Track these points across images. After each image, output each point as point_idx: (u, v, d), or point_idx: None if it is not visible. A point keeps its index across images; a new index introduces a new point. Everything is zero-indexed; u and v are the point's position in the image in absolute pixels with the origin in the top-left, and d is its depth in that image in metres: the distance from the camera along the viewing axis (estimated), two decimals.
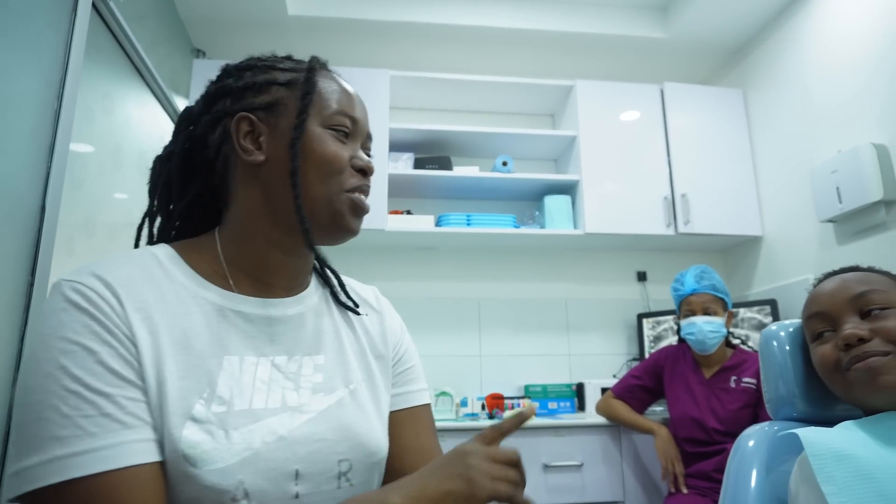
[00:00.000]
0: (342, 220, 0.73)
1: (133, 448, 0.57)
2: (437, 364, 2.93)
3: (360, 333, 0.82)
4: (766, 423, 0.96)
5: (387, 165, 2.74)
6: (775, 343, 0.98)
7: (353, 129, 0.76)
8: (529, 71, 3.21)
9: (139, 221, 0.79)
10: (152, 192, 0.79)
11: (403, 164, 2.86)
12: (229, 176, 0.75)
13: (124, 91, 1.96)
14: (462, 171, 2.86)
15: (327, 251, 0.87)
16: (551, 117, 3.36)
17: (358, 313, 0.83)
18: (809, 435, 0.76)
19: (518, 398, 2.68)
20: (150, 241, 0.78)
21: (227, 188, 0.76)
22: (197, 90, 2.65)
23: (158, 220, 0.79)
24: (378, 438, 0.74)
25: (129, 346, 0.60)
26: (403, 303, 2.97)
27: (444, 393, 2.56)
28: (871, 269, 0.92)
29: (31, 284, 1.35)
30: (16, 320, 1.31)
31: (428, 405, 0.86)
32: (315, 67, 0.76)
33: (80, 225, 1.65)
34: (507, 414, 2.51)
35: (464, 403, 2.65)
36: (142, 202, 0.80)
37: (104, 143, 1.82)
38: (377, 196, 2.68)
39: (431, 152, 3.04)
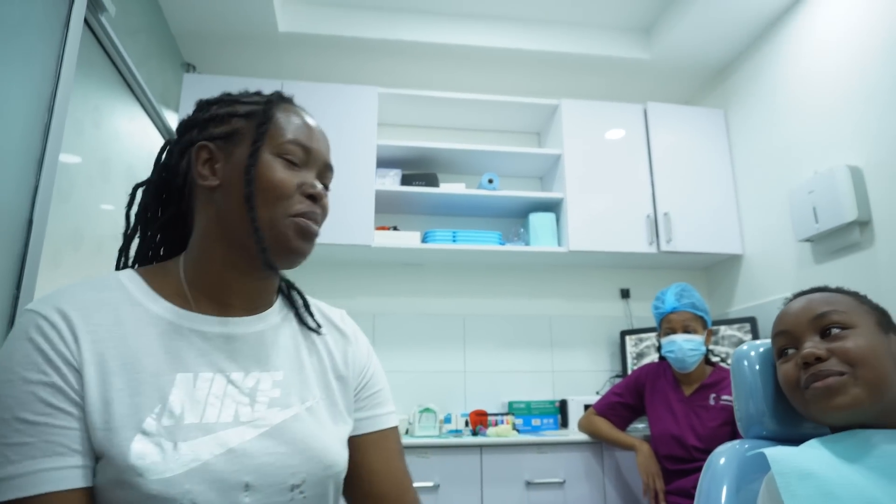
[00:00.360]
0: (287, 242, 0.76)
1: (51, 475, 0.61)
2: (421, 380, 2.94)
3: (323, 353, 0.85)
4: (738, 442, 0.98)
5: (374, 181, 2.77)
6: (746, 363, 1.01)
7: (306, 159, 0.80)
8: (516, 90, 3.26)
9: (122, 243, 0.84)
10: (136, 216, 0.84)
11: (390, 181, 2.89)
12: (192, 202, 0.81)
13: (114, 104, 1.97)
14: (448, 187, 2.89)
15: (312, 269, 0.90)
16: (537, 135, 3.41)
17: (318, 332, 0.86)
18: (776, 454, 0.78)
19: (502, 415, 2.70)
20: (127, 263, 0.84)
21: (192, 214, 0.81)
22: (187, 104, 2.69)
23: (137, 243, 0.85)
24: (334, 452, 0.77)
25: (69, 376, 0.65)
26: (389, 318, 3.00)
27: (427, 409, 2.57)
28: (838, 290, 0.95)
29: (17, 297, 1.36)
30: (0, 334, 1.31)
31: (395, 428, 0.89)
32: (274, 100, 0.81)
33: (67, 238, 1.65)
34: (491, 431, 2.52)
35: (447, 420, 2.66)
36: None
37: (92, 156, 1.83)
38: (364, 212, 2.71)
39: (418, 169, 3.07)
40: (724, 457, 0.95)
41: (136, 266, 0.82)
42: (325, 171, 0.83)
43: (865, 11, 2.24)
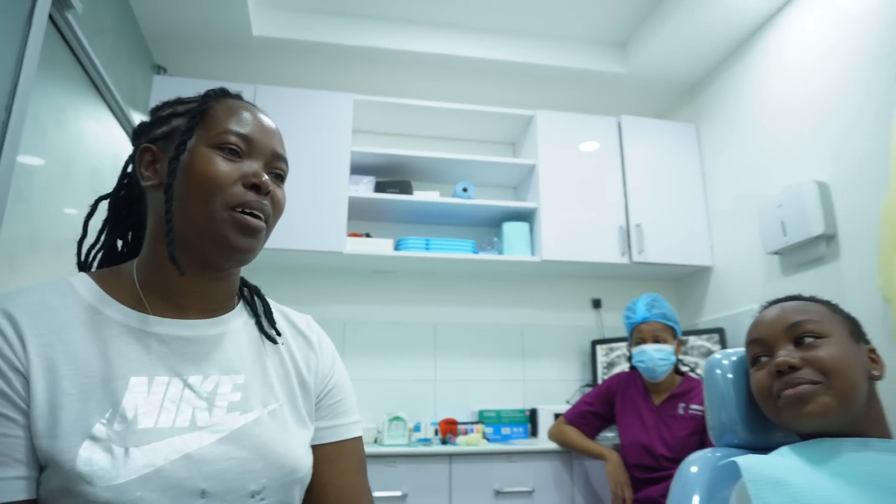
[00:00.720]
0: (224, 238, 0.73)
1: None
2: (391, 388, 2.91)
3: (286, 358, 0.82)
4: (709, 450, 0.98)
5: (347, 188, 2.74)
6: (718, 371, 1.01)
7: (248, 148, 0.77)
8: (491, 100, 3.27)
9: (79, 253, 0.84)
10: (101, 229, 0.84)
11: (364, 188, 2.86)
12: (145, 206, 0.80)
13: (79, 105, 1.92)
14: (422, 195, 2.88)
15: (283, 275, 0.89)
16: (512, 146, 3.43)
17: (275, 342, 0.83)
18: (747, 462, 0.78)
19: (472, 423, 2.68)
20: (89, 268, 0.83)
21: (145, 217, 0.80)
22: None
23: (102, 252, 0.84)
24: (298, 456, 0.75)
25: (14, 382, 0.62)
26: (360, 326, 2.96)
27: (397, 418, 2.54)
28: (811, 299, 0.96)
29: None
30: None
31: (359, 439, 0.86)
32: (212, 95, 0.79)
33: (24, 240, 1.59)
34: (461, 440, 2.50)
35: (417, 429, 2.64)
36: (93, 217, 0.85)
37: (55, 157, 1.77)
38: (336, 218, 2.68)
39: (392, 176, 3.06)
40: (695, 465, 0.95)
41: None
42: (274, 161, 0.80)
43: (832, 33, 2.30)
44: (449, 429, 2.59)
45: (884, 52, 2.06)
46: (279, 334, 0.84)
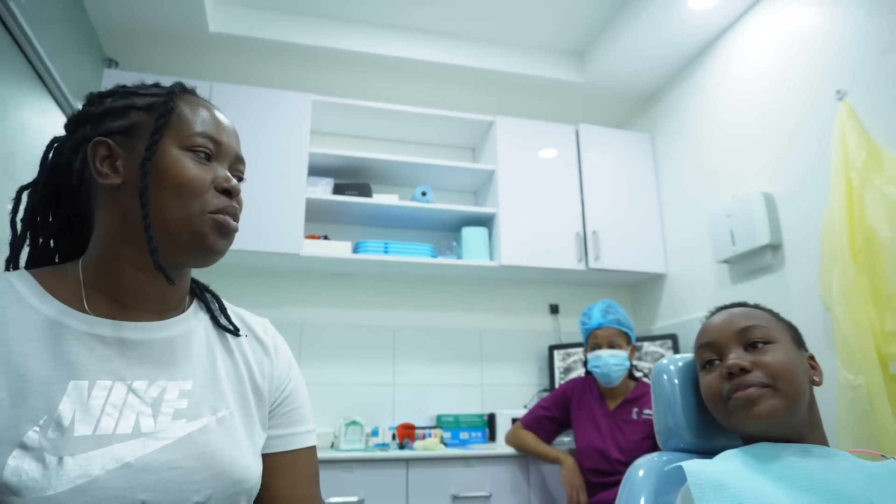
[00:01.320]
0: (204, 240, 0.72)
1: None
2: (349, 392, 2.88)
3: (240, 362, 0.80)
4: (656, 454, 1.00)
5: (305, 190, 2.71)
6: (665, 376, 1.03)
7: (216, 152, 0.76)
8: (452, 104, 3.28)
9: (9, 252, 0.77)
10: (23, 222, 0.78)
11: (322, 189, 2.83)
12: (91, 202, 0.76)
13: (22, 97, 1.84)
14: (381, 198, 2.87)
15: (238, 276, 0.86)
16: (472, 150, 3.44)
17: (237, 334, 0.82)
18: (691, 467, 0.80)
19: (430, 428, 2.67)
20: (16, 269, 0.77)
21: (91, 214, 0.76)
22: None
23: (28, 249, 0.79)
24: (246, 466, 0.72)
25: None
26: (317, 329, 2.92)
27: (354, 422, 2.51)
28: (756, 306, 0.99)
29: None
30: None
31: (313, 448, 0.84)
32: (175, 91, 0.77)
33: None
34: (419, 444, 2.49)
35: (374, 433, 2.61)
36: None
37: None
38: (294, 220, 2.64)
39: (351, 179, 3.03)
40: (642, 469, 0.96)
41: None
42: (236, 164, 0.80)
43: (779, 49, 2.39)
44: (407, 433, 2.57)
45: (827, 68, 2.15)
46: (237, 329, 0.82)
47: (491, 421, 2.84)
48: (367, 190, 2.89)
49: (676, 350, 2.76)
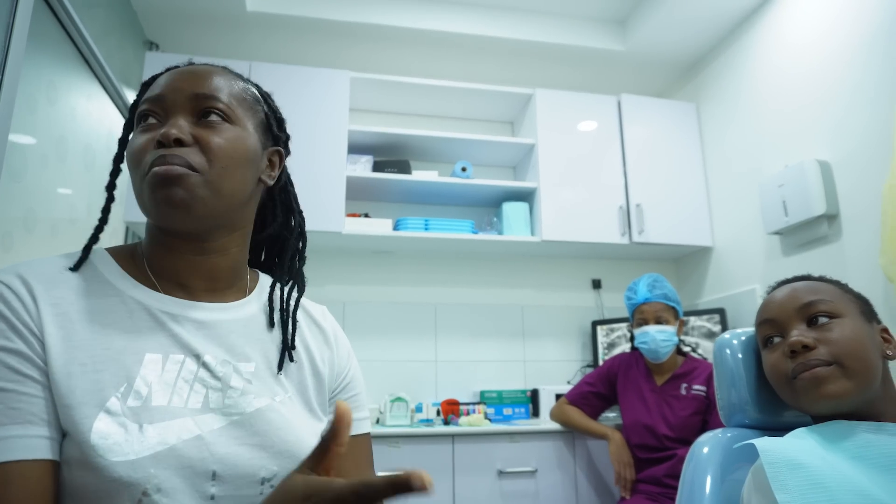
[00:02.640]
0: (147, 201, 0.69)
1: (18, 443, 0.57)
2: (392, 369, 2.90)
3: (300, 348, 0.80)
4: (720, 430, 0.97)
5: (345, 167, 2.71)
6: (728, 351, 0.99)
7: (167, 108, 0.71)
8: (490, 78, 3.22)
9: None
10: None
11: (362, 167, 2.83)
12: None
13: (70, 81, 1.87)
14: (421, 175, 2.85)
15: None
16: (511, 125, 3.38)
17: (292, 359, 0.78)
18: (765, 444, 0.77)
19: (473, 404, 2.68)
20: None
21: None
22: None
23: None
24: (308, 446, 0.71)
25: (33, 343, 0.61)
26: (359, 307, 2.94)
27: (399, 398, 2.53)
28: (821, 279, 0.94)
29: None
30: None
31: (368, 435, 0.85)
32: (149, 82, 0.77)
33: (18, 219, 1.56)
34: (463, 420, 2.50)
35: (419, 409, 2.63)
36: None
37: (47, 135, 1.73)
38: (334, 198, 2.65)
39: (391, 156, 3.02)
40: (707, 446, 0.94)
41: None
42: (201, 103, 0.72)
43: (832, 12, 2.27)
44: (451, 409, 2.58)
45: (884, 29, 2.03)
46: (293, 348, 0.79)
47: (534, 397, 2.83)
48: (406, 167, 2.87)
49: (725, 325, 2.70)
